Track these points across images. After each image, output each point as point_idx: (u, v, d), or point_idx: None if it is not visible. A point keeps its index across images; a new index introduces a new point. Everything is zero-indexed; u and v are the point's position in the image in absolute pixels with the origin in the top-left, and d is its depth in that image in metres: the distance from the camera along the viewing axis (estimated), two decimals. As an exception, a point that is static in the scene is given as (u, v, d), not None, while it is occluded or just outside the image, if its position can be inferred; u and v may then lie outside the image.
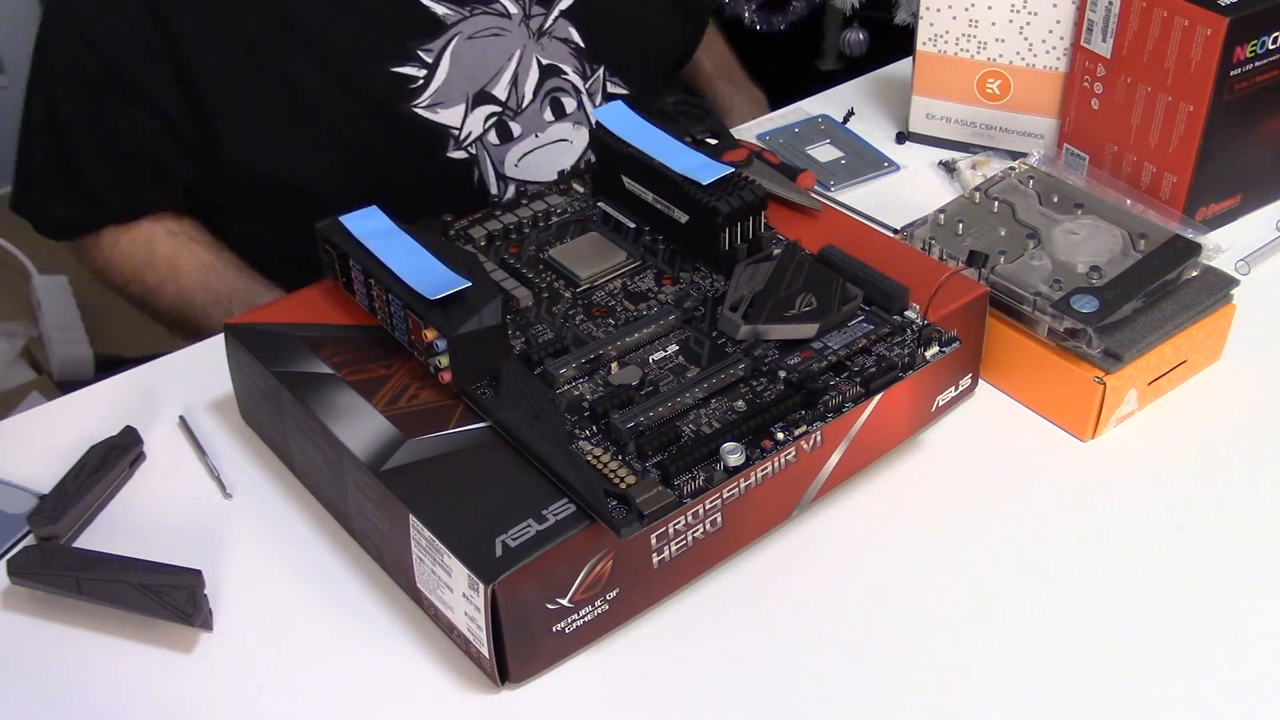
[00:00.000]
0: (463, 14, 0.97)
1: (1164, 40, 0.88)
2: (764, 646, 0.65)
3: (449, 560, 0.60)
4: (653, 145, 0.78)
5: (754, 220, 0.75)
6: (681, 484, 0.61)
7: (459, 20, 0.97)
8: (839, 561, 0.70)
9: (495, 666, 0.61)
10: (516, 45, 1.00)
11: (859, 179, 1.01)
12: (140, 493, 0.75)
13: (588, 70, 1.04)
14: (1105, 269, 0.79)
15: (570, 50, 1.03)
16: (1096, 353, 0.75)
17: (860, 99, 1.12)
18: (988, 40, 0.99)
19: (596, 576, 0.62)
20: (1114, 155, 0.95)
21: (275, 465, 0.76)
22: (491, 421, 0.66)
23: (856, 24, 1.63)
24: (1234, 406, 0.79)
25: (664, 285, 0.75)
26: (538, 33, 1.00)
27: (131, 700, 0.63)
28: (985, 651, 0.65)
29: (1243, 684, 0.63)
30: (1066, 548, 0.70)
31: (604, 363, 0.68)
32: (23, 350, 1.61)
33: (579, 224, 0.80)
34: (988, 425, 0.78)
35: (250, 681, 0.64)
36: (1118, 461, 0.76)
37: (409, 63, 0.96)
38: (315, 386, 0.69)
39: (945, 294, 0.73)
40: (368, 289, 0.71)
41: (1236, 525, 0.71)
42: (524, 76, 1.00)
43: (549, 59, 1.02)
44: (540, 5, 1.00)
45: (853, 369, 0.67)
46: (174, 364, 0.85)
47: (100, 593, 0.65)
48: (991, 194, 0.86)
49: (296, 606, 0.68)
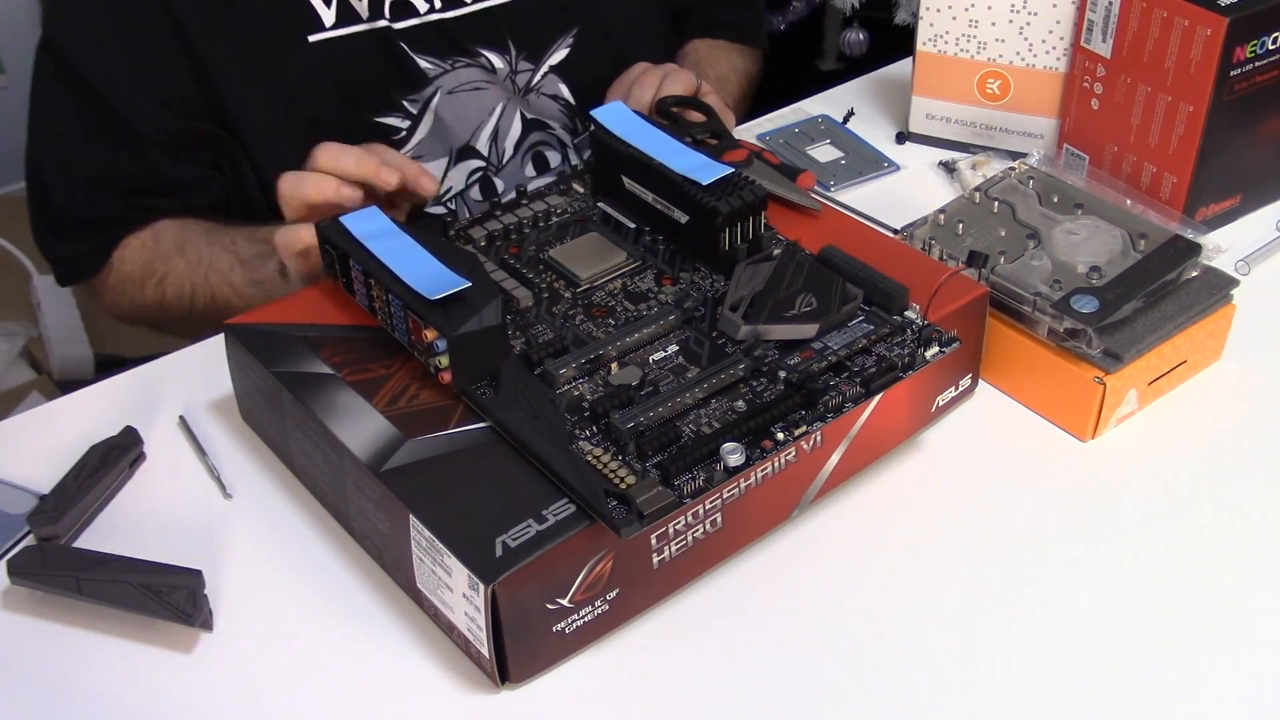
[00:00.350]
0: (444, 67, 0.96)
1: (1164, 40, 0.88)
2: (764, 646, 0.65)
3: (449, 560, 0.60)
4: (652, 145, 0.78)
5: (754, 220, 0.75)
6: (681, 484, 0.61)
7: (441, 73, 0.96)
8: (839, 561, 0.70)
9: (495, 666, 0.61)
10: (498, 100, 0.99)
11: (859, 179, 1.01)
12: (140, 493, 0.75)
13: (578, 126, 1.04)
14: (1105, 269, 0.79)
15: (560, 106, 1.02)
16: (1096, 353, 0.75)
17: (860, 99, 1.12)
18: (988, 40, 0.99)
19: (596, 577, 0.62)
20: (1114, 155, 0.95)
21: (275, 465, 0.76)
22: (491, 421, 0.66)
23: (856, 24, 1.63)
24: (1234, 406, 0.79)
25: (664, 285, 0.75)
26: (524, 89, 0.99)
27: (131, 700, 0.63)
28: (985, 651, 0.65)
29: (1243, 683, 0.63)
30: (1067, 547, 0.70)
31: (604, 363, 0.68)
32: (23, 350, 1.61)
33: (579, 224, 0.80)
34: (988, 425, 0.78)
35: (250, 681, 0.64)
36: (1118, 461, 0.76)
37: (393, 113, 0.95)
38: (315, 386, 0.69)
39: (945, 294, 0.73)
40: (368, 289, 0.71)
41: (1236, 525, 0.71)
42: (504, 132, 1.00)
43: (534, 114, 1.01)
44: (528, 61, 0.99)
45: (853, 369, 0.67)
46: (174, 364, 0.85)
47: (100, 593, 0.65)
48: (991, 194, 0.86)
49: (296, 606, 0.68)
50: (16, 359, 1.60)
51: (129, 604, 0.65)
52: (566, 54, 1.00)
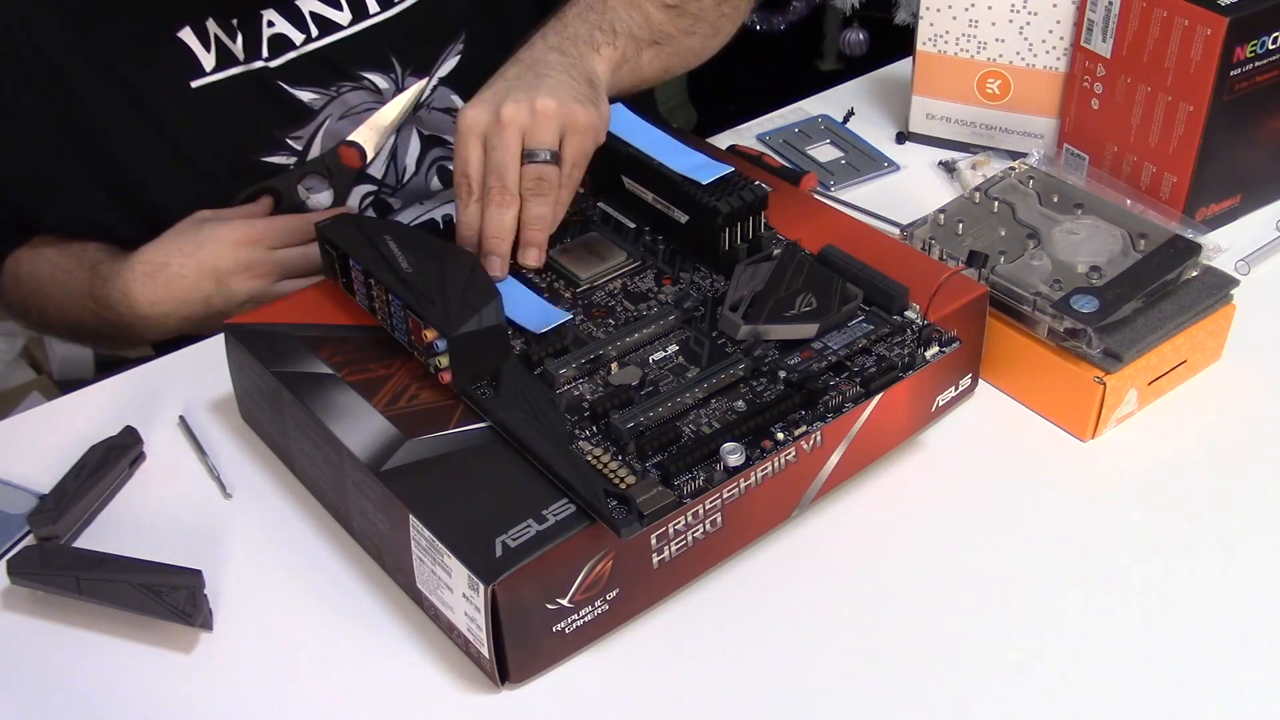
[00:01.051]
0: (329, 95, 0.93)
1: (1164, 40, 0.88)
2: (764, 646, 0.65)
3: (449, 560, 0.60)
4: (652, 145, 0.78)
5: (754, 220, 0.75)
6: (681, 484, 0.61)
7: (327, 102, 0.93)
8: (839, 562, 0.70)
9: (495, 666, 0.61)
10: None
11: (859, 179, 1.01)
12: (140, 493, 0.75)
13: None
14: (1105, 269, 0.79)
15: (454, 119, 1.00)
16: (1096, 353, 0.75)
17: (860, 99, 1.12)
18: (988, 40, 0.99)
19: (596, 577, 0.62)
20: (1114, 155, 0.95)
21: (275, 465, 0.76)
22: (491, 421, 0.66)
23: (856, 24, 1.64)
24: (1234, 406, 0.79)
25: (664, 285, 0.75)
26: (413, 106, 0.96)
27: (131, 700, 0.63)
28: (985, 651, 0.65)
29: (1243, 683, 0.63)
30: (1066, 547, 0.70)
31: (604, 363, 0.68)
32: (23, 350, 1.61)
33: (579, 224, 0.80)
34: (988, 425, 0.78)
35: (250, 681, 0.64)
36: (1118, 461, 0.76)
37: (279, 152, 0.93)
38: (315, 386, 0.69)
39: (945, 294, 0.73)
40: (368, 289, 0.71)
41: (1236, 525, 0.71)
42: (403, 150, 0.97)
43: (430, 130, 0.98)
44: (415, 76, 0.95)
45: (853, 369, 0.67)
46: (174, 364, 0.85)
47: (100, 593, 0.65)
48: (991, 194, 0.86)
49: (296, 606, 0.68)
50: (16, 359, 1.60)
51: (129, 604, 0.65)
52: (456, 62, 0.97)
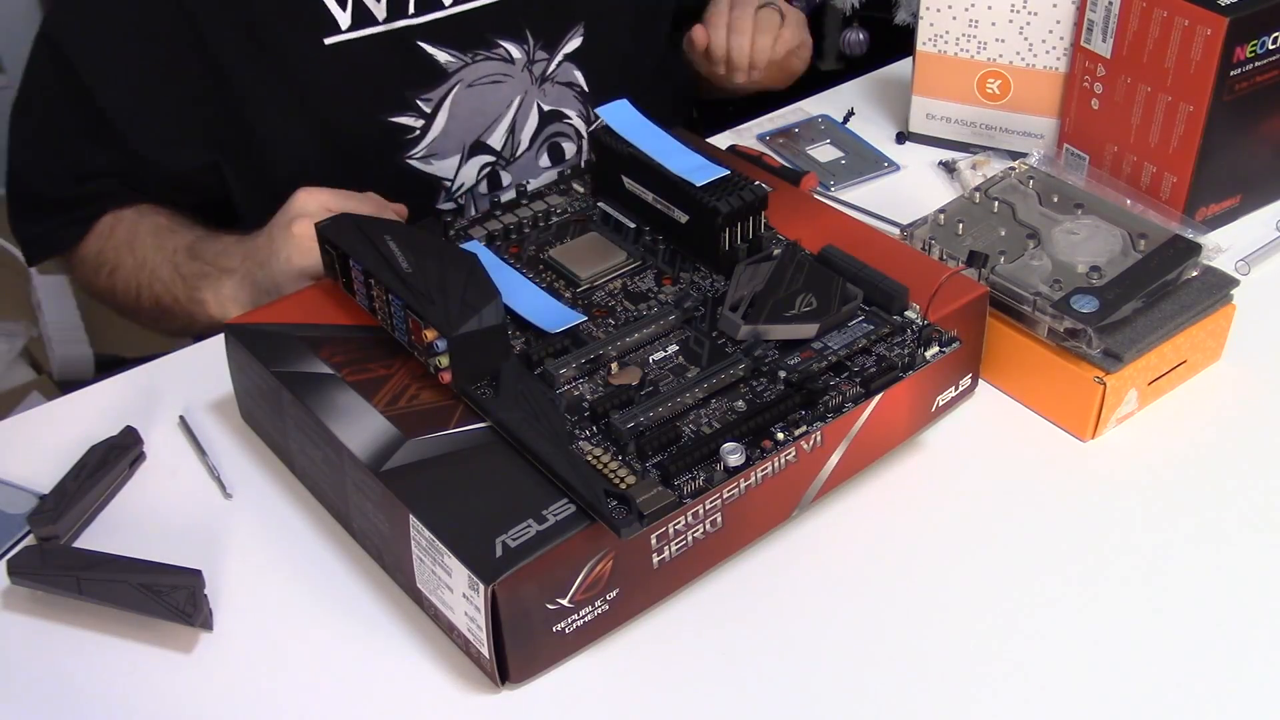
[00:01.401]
0: (465, 60, 0.96)
1: (1164, 40, 0.88)
2: (764, 647, 0.65)
3: (449, 560, 0.60)
4: (653, 145, 0.78)
5: (754, 220, 0.75)
6: (681, 484, 0.61)
7: (461, 67, 0.96)
8: (839, 561, 0.70)
9: (495, 666, 0.61)
10: (518, 91, 0.99)
11: (859, 179, 1.01)
12: (140, 493, 0.75)
13: (591, 115, 1.04)
14: (1105, 269, 0.79)
15: (575, 94, 1.03)
16: (1096, 353, 0.75)
17: (860, 99, 1.12)
18: (988, 40, 0.99)
19: (596, 577, 0.62)
20: (1114, 155, 0.95)
21: (275, 465, 0.76)
22: (491, 421, 0.66)
23: (856, 24, 1.63)
24: (1234, 406, 0.79)
25: (664, 285, 0.75)
26: (541, 78, 1.00)
27: (131, 700, 0.63)
28: (986, 650, 0.65)
29: (1243, 683, 0.63)
30: (1066, 547, 0.70)
31: (604, 363, 0.68)
32: (23, 350, 1.61)
33: (579, 224, 0.80)
34: (988, 425, 0.78)
35: (250, 681, 0.64)
36: (1118, 461, 0.76)
37: (407, 113, 0.95)
38: (315, 386, 0.69)
39: (945, 294, 0.73)
40: (368, 289, 0.71)
41: (1236, 525, 0.71)
42: (522, 123, 1.00)
43: (551, 104, 1.01)
44: (544, 50, 0.99)
45: (853, 369, 0.67)
46: (174, 364, 0.85)
47: (100, 593, 0.65)
48: (991, 194, 0.86)
49: (296, 606, 0.68)
50: (16, 359, 1.60)
51: (129, 604, 0.65)
52: (580, 42, 1.01)
